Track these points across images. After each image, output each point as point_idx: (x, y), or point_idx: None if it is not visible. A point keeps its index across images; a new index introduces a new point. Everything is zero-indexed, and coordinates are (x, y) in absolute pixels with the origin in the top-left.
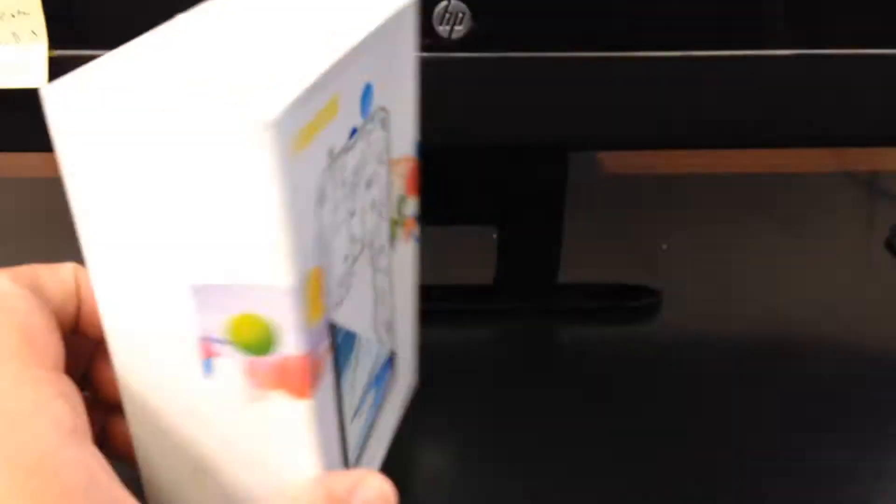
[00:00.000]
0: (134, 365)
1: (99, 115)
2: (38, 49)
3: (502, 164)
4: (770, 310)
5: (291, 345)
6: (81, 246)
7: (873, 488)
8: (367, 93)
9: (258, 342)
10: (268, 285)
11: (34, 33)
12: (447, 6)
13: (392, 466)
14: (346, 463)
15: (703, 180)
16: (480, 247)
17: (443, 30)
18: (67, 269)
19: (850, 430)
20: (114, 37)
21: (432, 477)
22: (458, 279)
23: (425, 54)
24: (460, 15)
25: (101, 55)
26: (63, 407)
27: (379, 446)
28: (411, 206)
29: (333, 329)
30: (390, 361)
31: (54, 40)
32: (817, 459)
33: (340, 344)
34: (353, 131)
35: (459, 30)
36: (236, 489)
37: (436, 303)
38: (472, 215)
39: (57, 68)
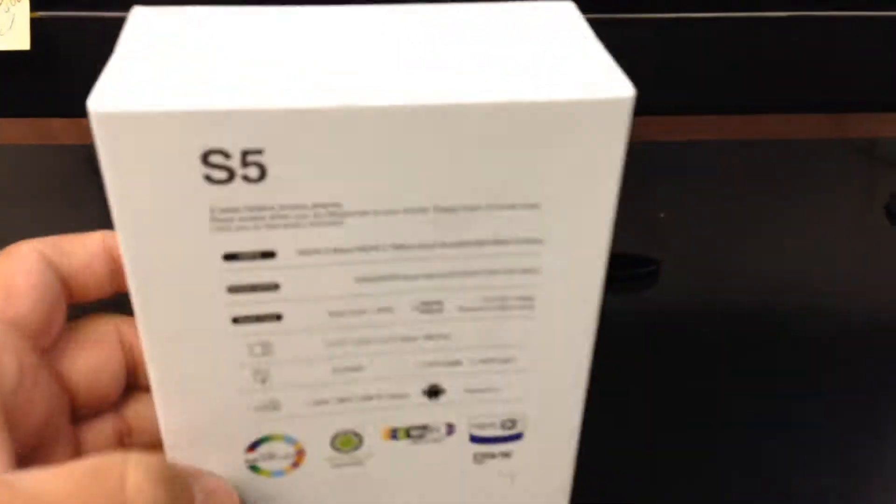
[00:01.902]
0: None
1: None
2: (20, 10)
3: None
4: (769, 278)
5: None
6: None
7: (874, 454)
8: None
9: None
10: None
11: None
12: None
13: None
14: None
15: (701, 148)
16: None
17: None
18: (93, 238)
19: (849, 396)
20: None
21: None
22: None
23: None
24: None
25: (85, 16)
26: None
27: None
28: None
29: None
30: None
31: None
32: (817, 425)
33: None
34: None
35: None
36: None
37: None
38: None
39: (40, 30)
